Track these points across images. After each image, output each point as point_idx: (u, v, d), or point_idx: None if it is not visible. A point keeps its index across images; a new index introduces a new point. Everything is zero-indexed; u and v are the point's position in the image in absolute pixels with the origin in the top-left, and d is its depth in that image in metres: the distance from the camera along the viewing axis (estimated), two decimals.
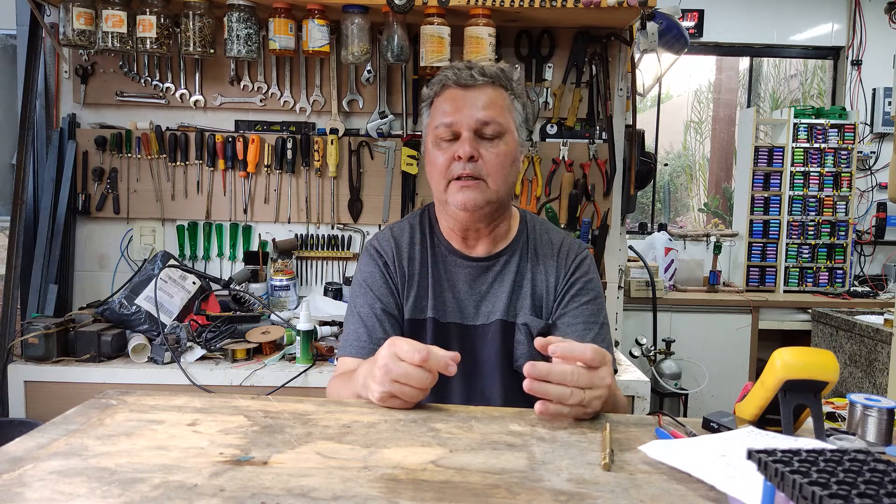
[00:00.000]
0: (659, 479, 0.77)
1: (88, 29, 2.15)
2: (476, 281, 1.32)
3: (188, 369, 1.93)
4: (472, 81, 1.25)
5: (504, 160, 1.25)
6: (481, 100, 1.24)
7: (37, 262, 2.30)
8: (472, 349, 1.30)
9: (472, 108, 1.24)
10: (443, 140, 1.25)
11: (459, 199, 1.23)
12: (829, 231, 4.10)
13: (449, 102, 1.25)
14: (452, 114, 1.24)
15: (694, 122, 8.52)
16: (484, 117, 1.23)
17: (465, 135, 1.23)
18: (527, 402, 1.28)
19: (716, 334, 3.75)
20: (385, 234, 1.38)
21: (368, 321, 1.29)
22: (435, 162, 1.26)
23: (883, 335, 3.02)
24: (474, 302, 1.32)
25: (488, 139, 1.24)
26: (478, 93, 1.25)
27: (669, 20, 2.64)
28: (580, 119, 2.48)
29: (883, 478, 0.56)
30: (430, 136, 1.29)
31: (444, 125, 1.25)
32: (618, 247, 2.53)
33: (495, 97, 1.26)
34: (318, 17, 2.20)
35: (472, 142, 1.23)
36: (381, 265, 1.33)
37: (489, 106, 1.24)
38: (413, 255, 1.34)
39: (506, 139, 1.26)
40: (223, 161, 2.42)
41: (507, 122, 1.26)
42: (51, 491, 0.70)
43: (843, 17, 4.44)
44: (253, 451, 0.82)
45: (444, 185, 1.25)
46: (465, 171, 1.22)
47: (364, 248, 1.39)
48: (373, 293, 1.31)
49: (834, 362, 0.87)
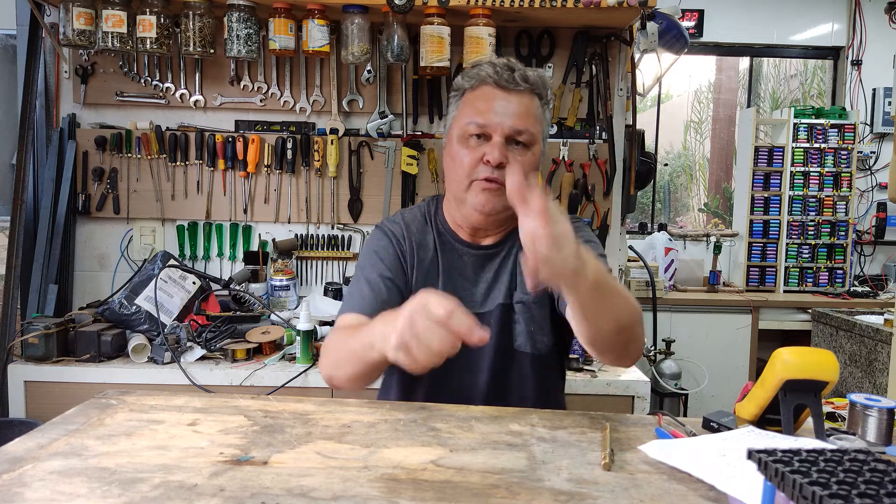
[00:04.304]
0: (659, 479, 0.77)
1: (88, 29, 2.15)
2: (483, 268, 1.32)
3: (188, 369, 1.93)
4: (512, 85, 1.22)
5: (529, 169, 1.24)
6: (518, 107, 1.22)
7: (37, 262, 2.30)
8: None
9: (507, 114, 1.21)
10: (472, 137, 1.23)
11: (480, 201, 1.22)
12: (829, 231, 4.10)
13: (484, 101, 1.23)
14: (487, 114, 1.22)
15: (694, 122, 8.52)
16: (520, 126, 1.21)
17: (496, 140, 1.21)
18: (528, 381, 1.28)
19: (716, 334, 3.75)
20: (396, 216, 1.37)
21: (375, 286, 1.25)
22: (460, 160, 1.24)
23: (883, 335, 3.02)
24: (482, 290, 1.31)
25: (517, 146, 1.23)
26: (516, 98, 1.22)
27: (669, 20, 2.64)
28: (580, 119, 2.48)
29: (883, 478, 0.56)
30: (456, 129, 1.26)
31: (476, 124, 1.22)
32: (618, 247, 2.53)
33: (530, 106, 1.24)
34: (318, 17, 2.20)
35: (502, 148, 1.20)
36: (394, 241, 1.32)
37: (525, 115, 1.22)
38: (424, 241, 1.33)
39: (534, 149, 1.25)
40: (223, 161, 2.42)
41: (537, 132, 1.24)
42: (51, 491, 0.70)
43: (843, 17, 4.44)
44: (253, 451, 0.82)
45: (467, 185, 1.24)
46: (492, 175, 1.21)
47: (375, 227, 1.37)
48: (383, 263, 1.29)
49: (834, 362, 0.87)
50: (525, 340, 1.28)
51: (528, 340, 1.28)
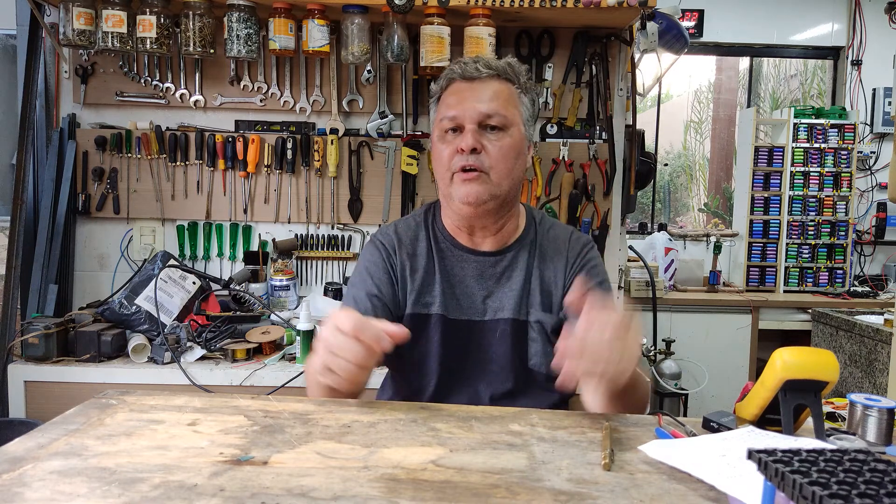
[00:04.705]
0: (659, 479, 0.77)
1: (88, 29, 2.15)
2: (483, 275, 1.31)
3: (188, 369, 1.93)
4: (476, 74, 1.25)
5: (508, 152, 1.24)
6: (486, 92, 1.24)
7: (37, 262, 2.30)
8: (481, 345, 1.29)
9: (475, 101, 1.23)
10: (447, 133, 1.25)
11: (462, 193, 1.22)
12: (829, 231, 4.10)
13: (454, 96, 1.25)
14: (456, 106, 1.24)
15: (694, 122, 8.53)
16: (487, 109, 1.22)
17: (468, 127, 1.22)
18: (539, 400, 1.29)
19: (716, 334, 3.75)
20: (389, 228, 1.38)
21: (361, 304, 1.27)
22: (440, 155, 1.26)
23: (883, 335, 3.02)
24: (482, 297, 1.31)
25: (492, 132, 1.24)
26: (482, 85, 1.25)
27: (669, 20, 2.64)
28: (580, 119, 2.48)
29: (883, 478, 0.56)
30: (435, 130, 1.29)
31: (448, 118, 1.24)
32: (618, 247, 2.53)
33: (500, 90, 1.25)
34: (318, 17, 2.20)
35: (475, 134, 1.22)
36: (385, 256, 1.33)
37: (493, 98, 1.24)
38: (416, 250, 1.33)
39: (511, 132, 1.25)
40: (223, 161, 2.42)
41: (512, 115, 1.25)
42: (51, 491, 0.70)
43: (843, 17, 4.44)
44: (253, 451, 0.82)
45: (449, 179, 1.25)
46: (467, 162, 1.21)
47: (369, 240, 1.39)
48: (372, 280, 1.31)
49: (834, 362, 0.87)
50: (540, 360, 1.28)
51: (543, 360, 1.28)
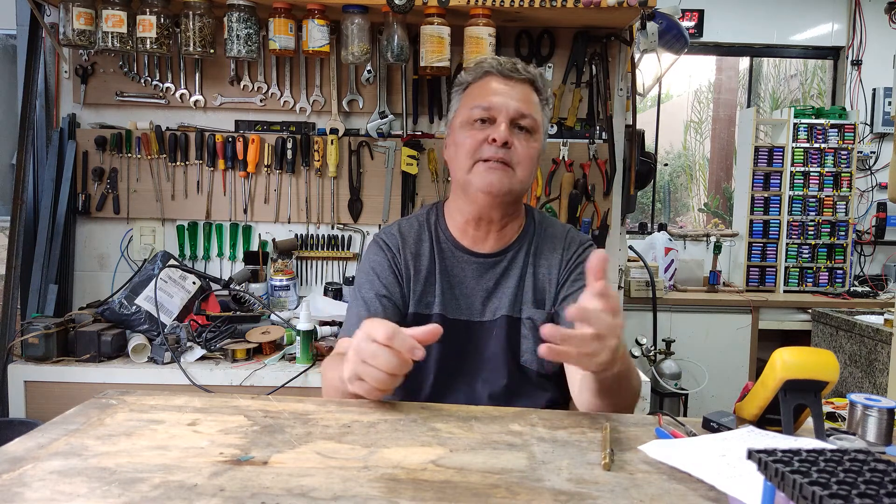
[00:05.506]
0: (659, 479, 0.77)
1: (88, 29, 2.15)
2: (483, 277, 1.32)
3: (188, 369, 1.93)
4: (515, 74, 1.27)
5: (533, 155, 1.27)
6: (521, 94, 1.26)
7: (37, 262, 2.30)
8: (478, 345, 1.30)
9: (512, 97, 1.25)
10: (476, 122, 1.26)
11: (486, 180, 1.23)
12: (829, 231, 4.10)
13: (489, 88, 1.27)
14: (491, 98, 1.25)
15: (694, 122, 8.53)
16: (523, 109, 1.25)
17: (501, 120, 1.24)
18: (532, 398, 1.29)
19: (716, 334, 3.75)
20: (393, 227, 1.38)
21: (372, 305, 1.27)
22: (463, 143, 1.26)
23: (883, 335, 3.02)
24: (481, 298, 1.31)
25: (521, 132, 1.26)
26: (518, 86, 1.27)
27: (669, 20, 2.64)
28: (580, 119, 2.48)
29: (883, 478, 0.56)
30: (460, 117, 1.29)
31: (481, 108, 1.25)
32: (618, 247, 2.53)
33: (531, 95, 1.28)
34: (318, 17, 2.20)
35: (508, 128, 1.24)
36: (389, 256, 1.33)
37: (526, 101, 1.26)
38: (420, 250, 1.33)
39: (536, 137, 1.28)
40: (223, 161, 2.42)
41: (539, 121, 1.28)
42: (51, 491, 0.70)
43: (843, 17, 4.44)
44: (253, 451, 0.82)
45: (470, 166, 1.25)
46: (497, 154, 1.22)
47: (372, 240, 1.38)
48: (379, 280, 1.30)
49: (834, 362, 0.87)
50: (532, 357, 1.28)
51: (534, 357, 1.28)
